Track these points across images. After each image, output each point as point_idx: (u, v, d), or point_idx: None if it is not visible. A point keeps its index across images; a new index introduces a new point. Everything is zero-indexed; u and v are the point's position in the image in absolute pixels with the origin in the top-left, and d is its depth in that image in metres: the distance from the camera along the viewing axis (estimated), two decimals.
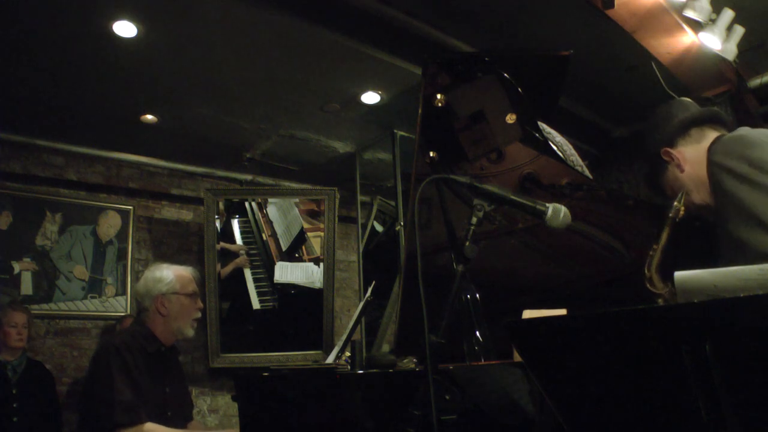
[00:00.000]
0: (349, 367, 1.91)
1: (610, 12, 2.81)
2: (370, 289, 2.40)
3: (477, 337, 1.76)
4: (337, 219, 4.88)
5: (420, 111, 1.77)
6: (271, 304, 4.75)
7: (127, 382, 2.19)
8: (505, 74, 1.77)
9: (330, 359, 2.15)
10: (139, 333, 2.40)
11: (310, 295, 4.80)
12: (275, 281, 4.77)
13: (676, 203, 1.56)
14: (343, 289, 5.61)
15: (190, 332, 2.52)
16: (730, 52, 3.10)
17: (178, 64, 3.40)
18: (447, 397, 1.38)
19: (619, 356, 0.87)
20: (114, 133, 4.27)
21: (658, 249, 1.53)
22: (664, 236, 1.54)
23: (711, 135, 1.65)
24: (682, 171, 1.66)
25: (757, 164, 1.41)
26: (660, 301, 1.52)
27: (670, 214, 1.55)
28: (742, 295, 0.74)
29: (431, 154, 1.84)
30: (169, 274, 2.50)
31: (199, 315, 2.57)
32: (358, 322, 2.26)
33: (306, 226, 4.91)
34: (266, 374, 1.95)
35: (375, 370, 1.67)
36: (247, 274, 4.77)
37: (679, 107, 1.75)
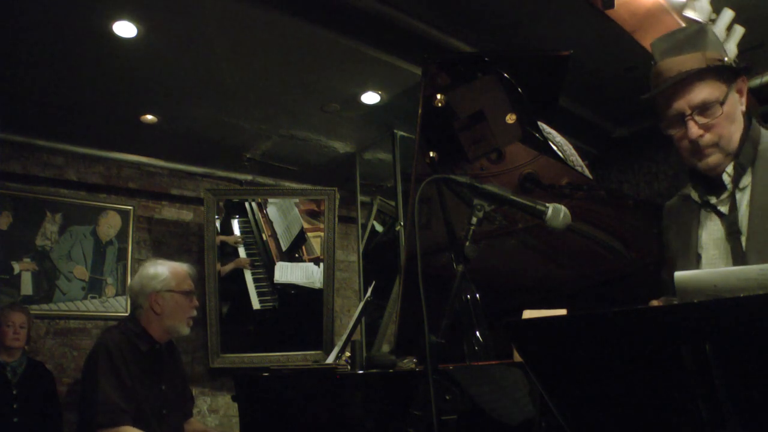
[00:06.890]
0: (349, 367, 1.91)
1: (610, 12, 2.81)
2: (370, 289, 2.41)
3: (477, 337, 1.76)
4: (337, 219, 4.88)
5: (420, 111, 1.77)
6: (271, 304, 4.75)
7: (112, 383, 2.17)
8: (505, 74, 1.77)
9: (330, 359, 2.15)
10: (132, 331, 2.37)
11: (310, 295, 4.79)
12: (275, 281, 4.76)
13: None
14: (343, 289, 5.60)
15: (185, 330, 2.47)
16: (730, 52, 3.09)
17: (178, 64, 3.39)
18: (447, 397, 1.38)
19: (619, 356, 0.87)
20: (114, 133, 4.26)
21: None
22: None
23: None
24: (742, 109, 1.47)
25: None
26: None
27: None
28: (742, 295, 0.74)
29: (431, 154, 1.84)
30: (164, 270, 2.45)
31: (195, 313, 2.51)
32: (358, 322, 2.27)
33: (306, 226, 4.90)
34: (266, 374, 1.95)
35: (375, 370, 1.67)
36: (247, 274, 4.76)
37: None
